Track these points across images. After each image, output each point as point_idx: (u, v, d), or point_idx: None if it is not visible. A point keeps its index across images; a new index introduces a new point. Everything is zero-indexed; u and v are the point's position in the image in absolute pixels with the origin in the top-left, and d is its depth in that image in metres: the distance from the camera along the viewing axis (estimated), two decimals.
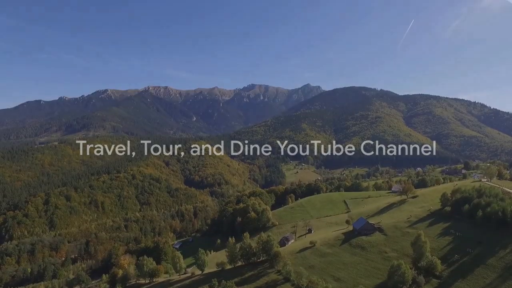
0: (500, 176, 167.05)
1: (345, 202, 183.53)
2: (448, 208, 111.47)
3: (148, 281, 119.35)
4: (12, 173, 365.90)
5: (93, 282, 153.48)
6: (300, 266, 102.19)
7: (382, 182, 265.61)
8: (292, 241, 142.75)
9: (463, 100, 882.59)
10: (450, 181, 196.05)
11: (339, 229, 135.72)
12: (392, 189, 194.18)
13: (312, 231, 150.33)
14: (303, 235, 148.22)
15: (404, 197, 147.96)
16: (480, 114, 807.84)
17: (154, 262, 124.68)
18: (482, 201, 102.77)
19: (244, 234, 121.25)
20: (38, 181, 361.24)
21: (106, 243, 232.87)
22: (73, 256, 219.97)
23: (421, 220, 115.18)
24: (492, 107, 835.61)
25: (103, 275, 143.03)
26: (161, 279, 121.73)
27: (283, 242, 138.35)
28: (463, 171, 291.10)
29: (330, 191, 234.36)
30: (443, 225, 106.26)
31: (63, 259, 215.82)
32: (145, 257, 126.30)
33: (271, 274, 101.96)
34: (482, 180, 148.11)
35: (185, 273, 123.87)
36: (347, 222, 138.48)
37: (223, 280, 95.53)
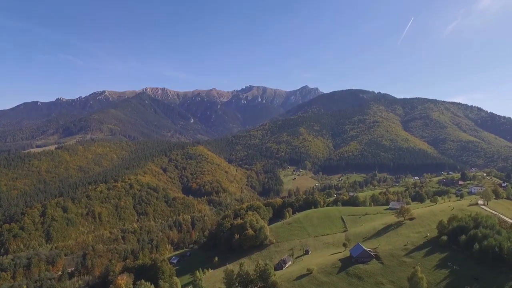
0: (497, 196, 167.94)
1: (342, 219, 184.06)
2: (444, 237, 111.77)
3: None
4: (8, 181, 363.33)
5: None
6: None
7: (379, 194, 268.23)
8: (290, 263, 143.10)
9: (460, 103, 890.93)
10: (446, 198, 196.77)
11: (336, 252, 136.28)
12: (390, 206, 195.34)
13: (309, 252, 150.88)
14: (301, 256, 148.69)
15: (401, 218, 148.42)
16: (477, 118, 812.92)
17: (152, 286, 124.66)
18: (479, 232, 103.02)
19: (241, 260, 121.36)
20: (34, 189, 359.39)
21: (103, 256, 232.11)
22: (69, 271, 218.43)
23: (418, 248, 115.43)
24: (488, 111, 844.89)
25: None
26: None
27: (280, 265, 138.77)
28: (460, 182, 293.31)
29: (328, 205, 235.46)
30: (440, 255, 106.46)
31: (60, 273, 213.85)
32: (143, 281, 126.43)
33: None
34: (479, 202, 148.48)
35: None
36: (344, 245, 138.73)
37: None
